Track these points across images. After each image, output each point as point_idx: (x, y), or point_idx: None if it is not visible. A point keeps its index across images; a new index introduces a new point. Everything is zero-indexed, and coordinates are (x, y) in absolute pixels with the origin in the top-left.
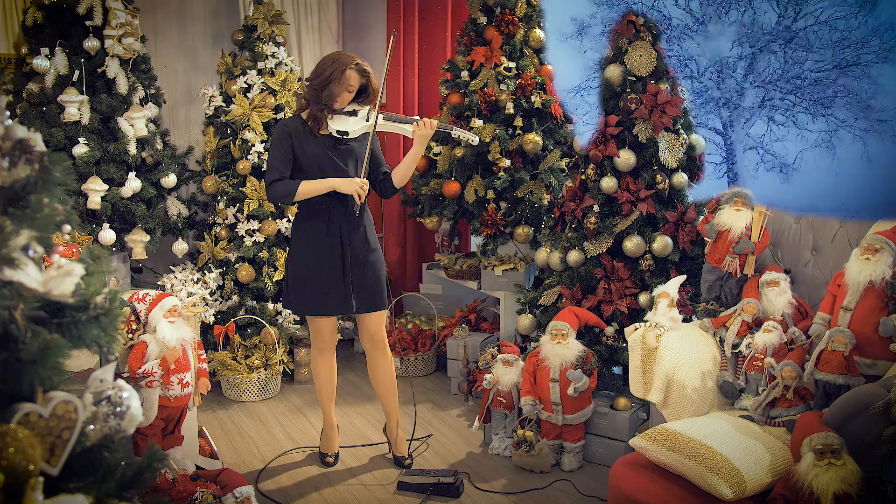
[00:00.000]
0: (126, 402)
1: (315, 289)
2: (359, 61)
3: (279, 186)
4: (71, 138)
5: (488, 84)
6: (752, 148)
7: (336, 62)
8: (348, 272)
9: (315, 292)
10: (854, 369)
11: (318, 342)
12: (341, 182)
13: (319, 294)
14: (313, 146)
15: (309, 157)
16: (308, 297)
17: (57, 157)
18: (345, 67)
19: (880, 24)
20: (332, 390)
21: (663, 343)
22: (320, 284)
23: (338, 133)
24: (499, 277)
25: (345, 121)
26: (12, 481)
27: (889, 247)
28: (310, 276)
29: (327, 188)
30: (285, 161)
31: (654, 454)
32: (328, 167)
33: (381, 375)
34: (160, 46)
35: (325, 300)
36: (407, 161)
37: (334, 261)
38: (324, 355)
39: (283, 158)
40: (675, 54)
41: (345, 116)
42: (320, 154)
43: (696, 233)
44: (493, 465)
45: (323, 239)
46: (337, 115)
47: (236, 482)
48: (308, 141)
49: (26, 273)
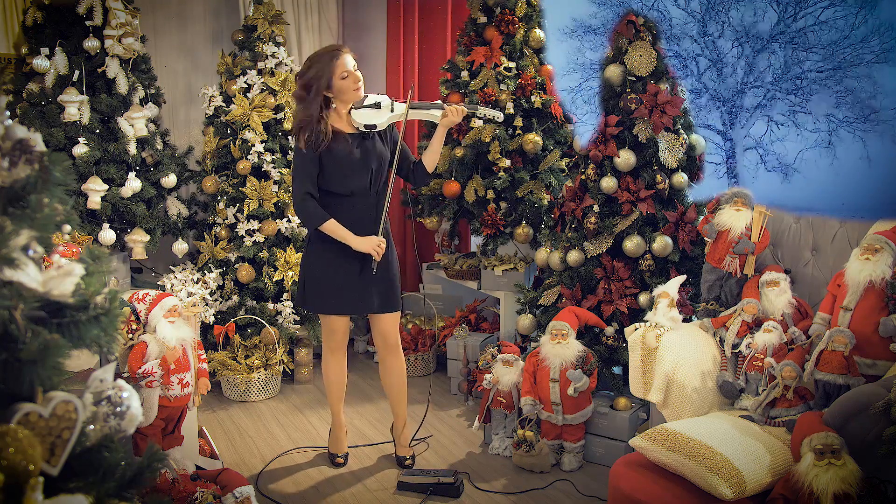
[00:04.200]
0: (126, 402)
1: (330, 288)
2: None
3: (311, 208)
4: (71, 138)
5: (488, 84)
6: (752, 148)
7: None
8: (365, 272)
9: (330, 291)
10: (854, 369)
11: (330, 342)
12: (360, 242)
13: (335, 293)
14: (340, 146)
15: (333, 161)
16: (323, 296)
17: (57, 157)
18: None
19: (880, 24)
20: (341, 390)
21: (663, 343)
22: (336, 284)
23: (366, 127)
24: (499, 277)
25: (370, 114)
26: (12, 481)
27: (889, 247)
28: (326, 275)
29: (345, 240)
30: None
31: (654, 454)
32: (352, 169)
33: (393, 378)
34: (160, 46)
35: (340, 299)
36: (434, 145)
37: (350, 260)
38: (335, 355)
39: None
40: (675, 54)
41: (368, 110)
42: (344, 157)
43: (696, 233)
44: (493, 465)
45: (338, 242)
46: (358, 109)
47: (236, 482)
48: (334, 140)
49: (26, 273)
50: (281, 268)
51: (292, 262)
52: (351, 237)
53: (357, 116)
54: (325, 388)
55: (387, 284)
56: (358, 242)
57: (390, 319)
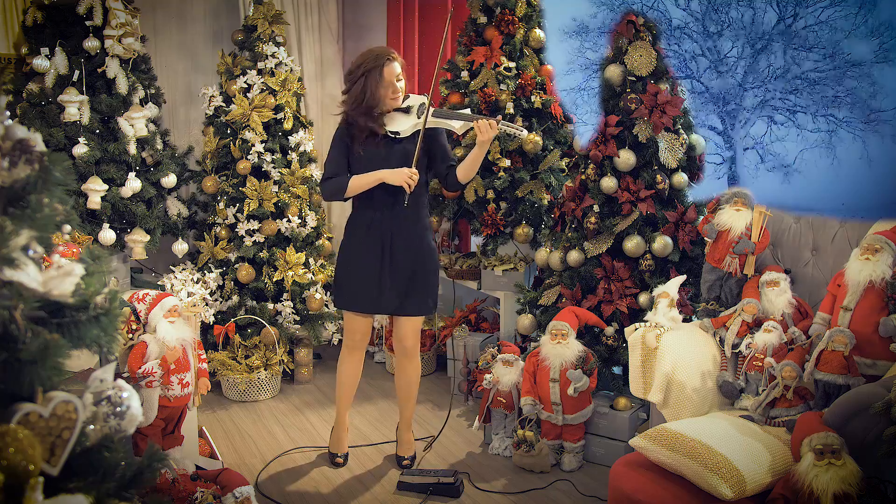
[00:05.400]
0: (126, 402)
1: (349, 285)
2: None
3: (330, 184)
4: (71, 138)
5: (488, 84)
6: (751, 148)
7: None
8: (385, 272)
9: (349, 288)
10: (854, 369)
11: (348, 340)
12: (389, 173)
13: (353, 290)
14: (370, 146)
15: (359, 158)
16: (343, 292)
17: (57, 157)
18: (381, 65)
19: (880, 24)
20: (350, 391)
21: (663, 343)
22: (355, 281)
23: (391, 133)
24: (499, 277)
25: (397, 120)
26: (12, 481)
27: (889, 247)
28: (347, 272)
29: (376, 180)
30: (339, 161)
31: (654, 454)
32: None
33: (402, 381)
34: (160, 46)
35: (357, 297)
36: (469, 160)
37: (371, 259)
38: (352, 354)
39: (337, 159)
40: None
41: (397, 114)
42: (368, 156)
43: (696, 233)
44: (493, 465)
45: (364, 236)
46: (390, 112)
47: (236, 482)
48: (366, 141)
49: (26, 273)
50: (281, 268)
51: (292, 262)
52: (380, 173)
53: (386, 120)
54: (336, 385)
55: (412, 287)
56: (389, 175)
57: (407, 324)
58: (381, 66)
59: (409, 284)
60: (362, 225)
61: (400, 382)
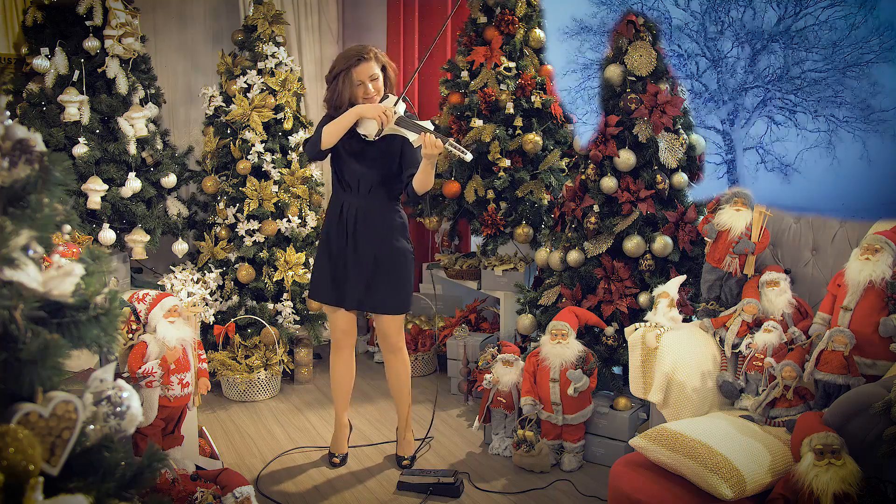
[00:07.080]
0: (126, 402)
1: (318, 276)
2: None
3: (309, 142)
4: (71, 138)
5: (488, 84)
6: (752, 148)
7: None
8: (351, 267)
9: (317, 279)
10: (854, 369)
11: (332, 338)
12: (366, 108)
13: (320, 282)
14: (354, 142)
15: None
16: (313, 282)
17: (57, 157)
18: (350, 67)
19: (880, 24)
20: (343, 391)
21: (663, 343)
22: (323, 273)
23: (361, 135)
24: (499, 277)
25: (365, 123)
26: (12, 481)
27: (889, 247)
28: (319, 263)
29: (353, 116)
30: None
31: (654, 454)
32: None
33: (392, 377)
34: (160, 46)
35: (323, 288)
36: (420, 172)
37: (338, 253)
38: (338, 354)
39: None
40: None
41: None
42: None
43: (696, 233)
44: (493, 465)
45: (334, 229)
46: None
47: (236, 482)
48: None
49: (26, 273)
50: (281, 268)
51: (292, 262)
52: (356, 108)
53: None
54: (331, 386)
55: (375, 282)
56: (364, 109)
57: (385, 321)
58: (349, 68)
59: (373, 278)
60: (335, 215)
61: (390, 379)
